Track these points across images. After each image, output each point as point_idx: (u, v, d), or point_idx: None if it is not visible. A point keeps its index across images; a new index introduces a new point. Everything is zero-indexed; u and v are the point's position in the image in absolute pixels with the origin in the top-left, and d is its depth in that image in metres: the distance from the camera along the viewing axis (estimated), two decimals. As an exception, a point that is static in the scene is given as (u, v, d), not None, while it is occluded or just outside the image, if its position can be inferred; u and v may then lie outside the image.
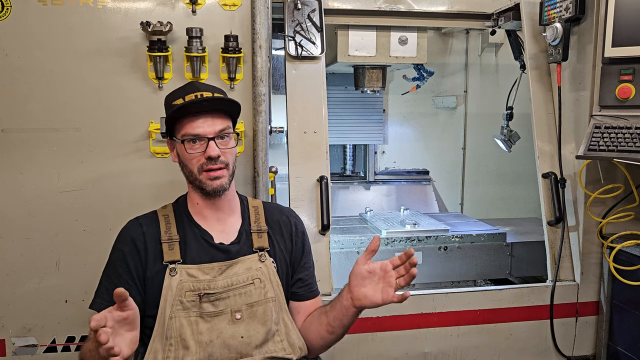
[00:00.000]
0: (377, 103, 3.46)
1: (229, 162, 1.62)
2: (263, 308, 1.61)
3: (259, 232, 1.70)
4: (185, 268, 1.60)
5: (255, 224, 1.71)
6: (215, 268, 1.61)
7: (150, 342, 1.58)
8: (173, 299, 1.57)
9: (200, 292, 1.57)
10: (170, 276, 1.58)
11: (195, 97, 1.58)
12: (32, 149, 2.07)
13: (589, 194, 2.25)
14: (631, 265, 2.15)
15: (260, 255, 1.66)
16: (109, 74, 2.08)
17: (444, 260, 2.59)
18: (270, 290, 1.63)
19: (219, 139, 1.59)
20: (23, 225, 2.09)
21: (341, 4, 2.45)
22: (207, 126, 1.58)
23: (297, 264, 1.75)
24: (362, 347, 2.21)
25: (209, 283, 1.58)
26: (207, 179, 1.60)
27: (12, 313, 2.12)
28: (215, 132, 1.58)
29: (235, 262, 1.63)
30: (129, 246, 1.64)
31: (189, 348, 1.55)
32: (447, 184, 3.71)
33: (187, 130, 1.58)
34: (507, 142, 2.97)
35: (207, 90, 1.62)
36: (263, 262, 1.65)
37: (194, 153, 1.58)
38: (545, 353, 2.36)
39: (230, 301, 1.59)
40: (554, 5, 2.28)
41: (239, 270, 1.62)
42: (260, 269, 1.64)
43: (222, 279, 1.60)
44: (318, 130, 2.27)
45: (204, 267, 1.61)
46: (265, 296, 1.62)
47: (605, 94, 2.10)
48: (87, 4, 2.04)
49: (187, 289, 1.57)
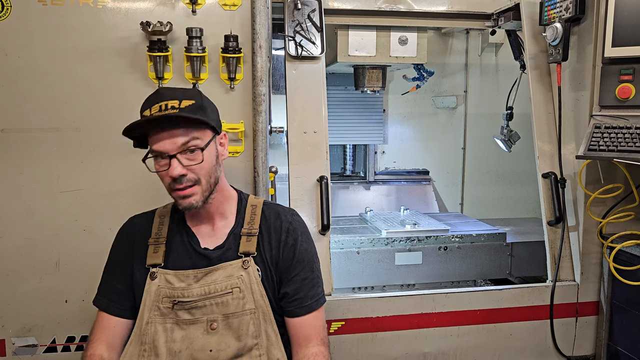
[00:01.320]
0: (377, 103, 3.46)
1: (201, 177, 1.51)
2: (239, 321, 1.55)
3: (249, 235, 1.62)
4: (164, 273, 1.58)
5: (248, 225, 1.63)
6: (190, 276, 1.57)
7: (127, 344, 1.58)
8: (151, 304, 1.55)
9: (175, 299, 1.54)
10: (151, 280, 1.57)
11: (160, 108, 1.47)
12: (32, 149, 2.07)
13: (589, 194, 2.25)
14: (631, 265, 2.15)
15: (243, 262, 1.58)
16: (109, 74, 2.08)
17: (444, 260, 2.59)
18: (249, 302, 1.56)
19: (186, 153, 1.48)
20: (23, 225, 2.09)
21: (341, 4, 2.45)
22: (168, 143, 1.47)
23: (284, 275, 1.63)
24: (362, 347, 2.21)
25: (182, 291, 1.55)
26: (178, 198, 1.53)
27: (12, 313, 2.12)
28: (176, 148, 1.47)
29: (214, 268, 1.57)
30: (124, 245, 1.65)
31: (160, 356, 1.53)
32: (447, 184, 3.71)
33: (152, 146, 1.50)
34: (507, 142, 2.97)
35: (173, 97, 1.49)
36: (245, 270, 1.58)
37: (161, 171, 1.51)
38: (545, 353, 2.36)
39: (207, 310, 1.55)
40: (554, 5, 2.28)
41: (218, 278, 1.56)
42: (242, 277, 1.57)
43: (197, 287, 1.55)
44: (318, 130, 2.27)
45: (179, 274, 1.57)
46: (242, 308, 1.56)
47: (605, 94, 2.10)
48: (87, 4, 2.04)
49: (164, 295, 1.55)
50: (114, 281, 1.65)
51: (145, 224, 1.67)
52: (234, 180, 2.07)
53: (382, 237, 2.55)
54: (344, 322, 2.18)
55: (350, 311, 2.18)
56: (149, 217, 1.69)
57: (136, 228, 1.67)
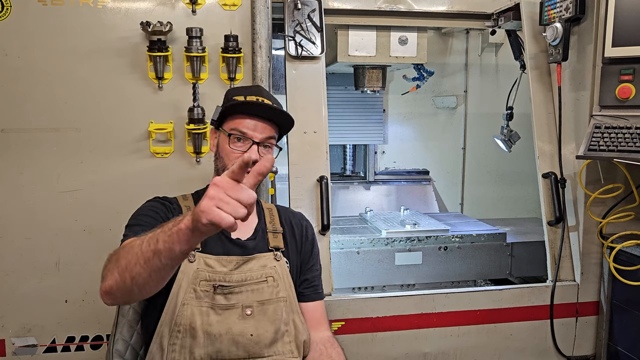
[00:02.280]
0: (377, 103, 3.46)
1: None
2: (274, 307, 1.61)
3: (275, 232, 1.72)
4: (203, 257, 1.59)
5: (270, 224, 1.74)
6: (232, 262, 1.61)
7: (158, 326, 1.56)
8: (187, 285, 1.55)
9: (215, 283, 1.56)
10: (189, 262, 1.57)
11: (257, 100, 1.63)
12: (32, 149, 2.07)
13: (589, 194, 2.25)
14: (631, 265, 2.15)
15: (275, 255, 1.67)
16: (108, 74, 2.08)
17: (444, 260, 2.59)
18: (282, 290, 1.64)
19: (262, 147, 1.63)
20: (23, 225, 2.09)
21: (341, 4, 2.45)
22: (258, 131, 1.62)
23: (305, 265, 1.78)
24: (362, 347, 2.21)
25: (224, 275, 1.58)
26: None
27: (12, 313, 2.12)
28: (262, 138, 1.63)
29: (251, 257, 1.64)
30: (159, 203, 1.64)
31: (197, 338, 1.53)
32: (447, 184, 3.71)
33: (237, 126, 1.62)
34: (507, 142, 2.97)
35: (268, 98, 1.68)
36: (278, 262, 1.66)
37: (235, 150, 1.61)
38: (545, 353, 2.36)
39: (242, 296, 1.58)
40: (554, 5, 2.28)
41: (253, 267, 1.62)
42: (275, 268, 1.65)
43: (237, 274, 1.60)
44: (318, 130, 2.27)
45: (222, 259, 1.60)
46: (277, 295, 1.62)
47: (606, 94, 2.10)
48: (87, 4, 2.04)
49: (203, 278, 1.56)
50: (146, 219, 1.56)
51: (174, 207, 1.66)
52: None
53: (382, 237, 2.54)
54: (344, 322, 2.18)
55: (350, 311, 2.18)
56: (175, 202, 1.69)
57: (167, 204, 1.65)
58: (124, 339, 1.67)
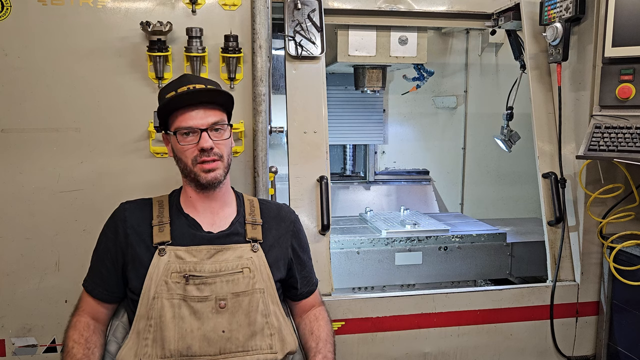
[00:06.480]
0: (377, 103, 3.46)
1: (223, 154, 1.63)
2: (249, 299, 1.59)
3: (254, 224, 1.71)
4: (173, 249, 1.60)
5: (250, 216, 1.72)
6: (203, 251, 1.61)
7: (134, 322, 1.59)
8: (158, 279, 1.56)
9: (186, 273, 1.56)
10: (159, 256, 1.58)
11: (188, 89, 1.59)
12: (31, 149, 2.07)
13: (589, 194, 2.25)
14: (631, 265, 2.15)
15: (252, 246, 1.66)
16: (108, 74, 2.08)
17: (444, 260, 2.59)
18: (259, 282, 1.62)
19: (213, 131, 1.61)
20: (23, 225, 2.09)
21: (341, 4, 2.45)
22: (200, 118, 1.59)
23: (296, 260, 1.78)
24: (362, 347, 2.21)
25: (195, 265, 1.58)
26: (201, 171, 1.60)
27: (12, 313, 2.12)
28: (207, 123, 1.59)
29: (226, 247, 1.63)
30: (111, 230, 1.67)
31: (168, 332, 1.53)
32: (447, 184, 3.71)
33: (179, 123, 1.59)
34: (507, 142, 2.97)
35: (199, 82, 1.63)
36: (255, 253, 1.65)
37: (186, 145, 1.60)
38: (546, 353, 2.36)
39: (216, 287, 1.57)
40: (554, 5, 2.28)
41: (228, 257, 1.62)
42: (251, 259, 1.64)
43: (209, 264, 1.59)
44: (318, 130, 2.27)
45: (192, 249, 1.61)
46: (252, 287, 1.61)
47: (606, 94, 2.10)
48: (87, 4, 2.04)
49: (174, 270, 1.57)
50: (100, 267, 1.68)
51: (142, 207, 1.70)
52: (234, 180, 2.07)
53: (382, 237, 2.54)
54: (344, 322, 2.18)
55: (351, 311, 2.18)
56: (145, 202, 1.72)
57: (126, 213, 1.69)
58: (117, 341, 1.70)
